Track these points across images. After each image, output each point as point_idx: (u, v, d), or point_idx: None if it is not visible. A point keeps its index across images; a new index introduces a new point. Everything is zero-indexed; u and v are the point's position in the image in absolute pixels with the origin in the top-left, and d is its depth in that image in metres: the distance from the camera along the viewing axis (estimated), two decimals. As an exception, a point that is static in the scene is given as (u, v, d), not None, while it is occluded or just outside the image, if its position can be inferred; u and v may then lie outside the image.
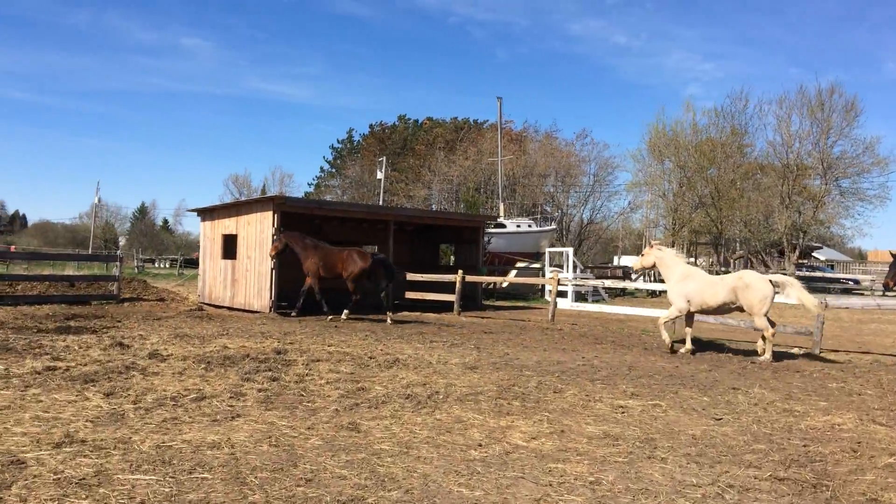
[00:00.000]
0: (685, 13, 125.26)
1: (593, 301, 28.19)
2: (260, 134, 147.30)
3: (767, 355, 11.73)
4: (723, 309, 12.34)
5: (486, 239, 27.31)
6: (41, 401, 6.57)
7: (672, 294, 12.76)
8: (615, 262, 56.02)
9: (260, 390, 7.49)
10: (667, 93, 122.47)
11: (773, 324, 12.06)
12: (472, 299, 21.86)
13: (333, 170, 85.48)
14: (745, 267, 50.60)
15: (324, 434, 5.86)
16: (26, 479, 4.39)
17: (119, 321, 14.07)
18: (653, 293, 33.77)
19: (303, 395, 7.35)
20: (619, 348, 12.79)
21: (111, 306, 17.27)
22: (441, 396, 7.61)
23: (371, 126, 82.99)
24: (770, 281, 12.03)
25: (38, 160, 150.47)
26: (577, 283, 25.55)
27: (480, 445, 5.73)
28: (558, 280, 19.27)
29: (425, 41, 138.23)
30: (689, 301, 12.43)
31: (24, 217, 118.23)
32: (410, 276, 20.37)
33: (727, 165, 49.18)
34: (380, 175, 51.69)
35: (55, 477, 4.47)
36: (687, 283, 12.55)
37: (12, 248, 60.56)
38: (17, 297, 16.62)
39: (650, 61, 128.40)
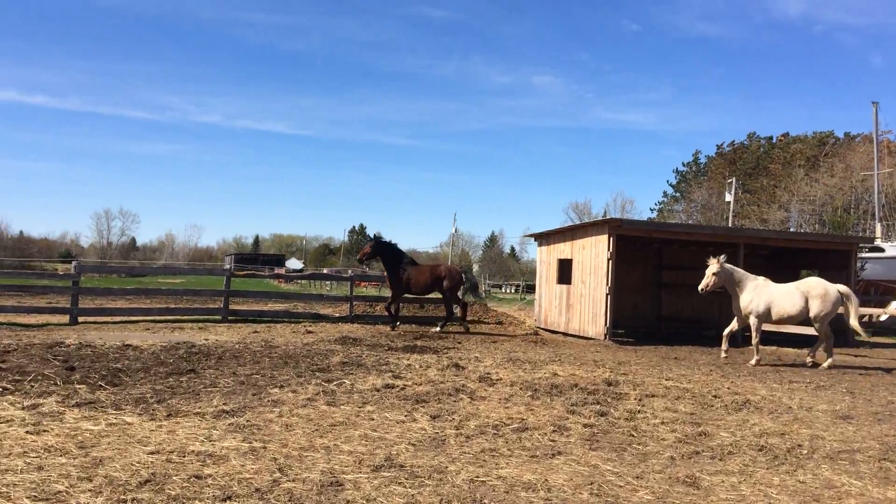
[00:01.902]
0: None
1: None
2: (602, 162, 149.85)
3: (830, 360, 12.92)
4: (799, 317, 13.04)
5: (859, 264, 23.38)
6: (373, 419, 6.71)
7: (751, 306, 13.00)
8: None
9: (585, 425, 6.84)
10: None
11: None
12: (842, 334, 18.66)
13: (677, 194, 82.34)
14: None
15: (654, 487, 4.98)
16: (338, 504, 4.30)
17: (459, 342, 14.60)
18: None
19: (633, 436, 6.51)
20: None
21: (454, 328, 18.16)
22: (804, 452, 6.18)
23: (718, 146, 78.30)
24: (839, 291, 13.16)
25: (408, 196, 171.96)
26: None
27: (864, 527, 4.35)
28: (963, 314, 15.48)
29: (784, 54, 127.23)
30: (769, 311, 13.02)
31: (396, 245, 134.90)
32: (763, 305, 18.09)
33: None
34: (728, 197, 48.04)
35: (365, 504, 4.31)
36: (762, 293, 13.05)
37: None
38: (375, 316, 18.36)
39: None
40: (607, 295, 16.40)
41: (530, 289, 43.43)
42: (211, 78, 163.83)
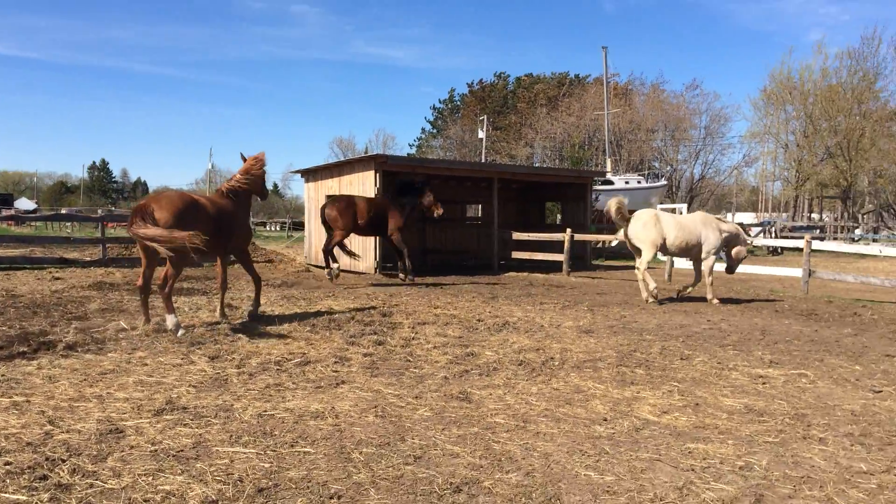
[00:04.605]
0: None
1: (709, 260, 26.62)
2: (365, 98, 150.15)
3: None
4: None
5: (593, 196, 26.25)
6: (146, 364, 6.45)
7: None
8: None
9: (365, 355, 7.15)
10: (787, 39, 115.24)
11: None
12: (581, 259, 21.02)
13: (435, 130, 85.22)
14: (878, 223, 46.85)
15: (432, 404, 5.42)
16: (123, 451, 4.16)
17: (229, 283, 14.18)
18: (774, 250, 31.73)
19: (409, 361, 6.95)
20: (747, 310, 11.76)
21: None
22: (557, 363, 7.04)
23: (469, 85, 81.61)
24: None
25: (158, 129, 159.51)
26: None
27: (605, 420, 5.13)
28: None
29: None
30: None
31: (145, 184, 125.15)
32: (517, 236, 19.74)
33: (858, 112, 45.36)
34: (481, 134, 51.05)
35: (153, 448, 4.22)
36: None
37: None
38: (133, 259, 17.15)
39: (768, 6, 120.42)
40: (376, 230, 16.77)
41: (297, 226, 42.99)
42: None
